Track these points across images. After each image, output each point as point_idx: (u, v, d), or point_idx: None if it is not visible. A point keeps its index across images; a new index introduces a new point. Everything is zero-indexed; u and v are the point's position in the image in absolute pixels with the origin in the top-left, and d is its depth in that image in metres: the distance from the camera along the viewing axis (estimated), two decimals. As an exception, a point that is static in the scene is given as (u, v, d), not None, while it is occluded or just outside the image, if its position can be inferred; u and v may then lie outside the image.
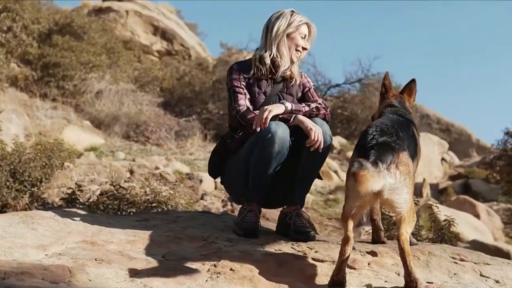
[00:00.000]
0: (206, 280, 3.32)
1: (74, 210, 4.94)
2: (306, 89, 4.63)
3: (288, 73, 4.50)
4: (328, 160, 11.44)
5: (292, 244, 4.01)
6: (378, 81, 23.58)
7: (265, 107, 4.18)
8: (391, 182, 3.27)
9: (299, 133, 4.17)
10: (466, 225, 12.70)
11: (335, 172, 15.27)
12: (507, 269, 3.89)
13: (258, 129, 4.11)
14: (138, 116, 17.20)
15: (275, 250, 3.88)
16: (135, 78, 19.43)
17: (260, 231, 4.23)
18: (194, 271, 3.40)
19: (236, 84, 4.41)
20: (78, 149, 11.52)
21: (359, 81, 23.39)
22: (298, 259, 3.74)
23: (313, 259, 3.76)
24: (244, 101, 4.34)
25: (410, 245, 3.95)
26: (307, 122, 4.13)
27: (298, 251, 3.89)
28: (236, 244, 3.93)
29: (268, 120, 4.11)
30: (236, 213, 4.79)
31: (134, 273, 3.20)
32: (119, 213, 5.87)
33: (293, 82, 4.53)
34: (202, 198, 9.37)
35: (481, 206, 15.45)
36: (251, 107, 4.34)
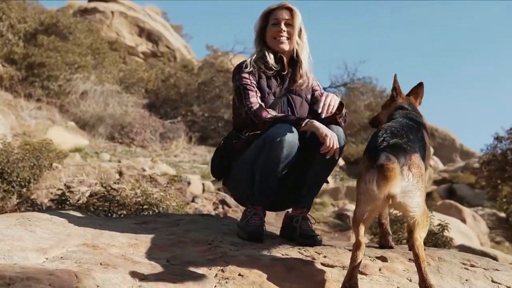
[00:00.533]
0: (215, 286, 3.19)
1: (71, 212, 4.80)
2: (317, 92, 4.50)
3: (298, 75, 4.39)
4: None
5: (299, 249, 3.89)
6: (363, 85, 23.63)
7: (328, 93, 4.08)
8: (404, 185, 3.16)
9: (308, 136, 4.05)
10: (453, 229, 12.66)
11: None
12: (517, 275, 3.82)
13: (323, 116, 3.97)
14: (123, 117, 17.10)
15: (282, 254, 3.76)
16: (120, 80, 19.31)
17: (265, 235, 4.11)
18: (202, 276, 3.27)
19: (246, 82, 4.24)
20: (63, 150, 11.36)
21: (345, 85, 23.37)
22: (306, 264, 3.62)
23: (322, 264, 3.64)
24: (256, 99, 4.19)
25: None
26: (322, 128, 3.95)
27: (306, 256, 3.77)
28: (242, 249, 3.81)
29: (335, 109, 4.02)
30: (229, 216, 4.67)
31: (141, 279, 3.07)
32: (109, 214, 5.74)
33: (301, 82, 4.40)
34: (193, 201, 9.26)
35: (467, 211, 15.45)
36: (263, 104, 4.20)
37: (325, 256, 3.76)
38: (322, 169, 4.14)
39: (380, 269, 3.63)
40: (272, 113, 4.12)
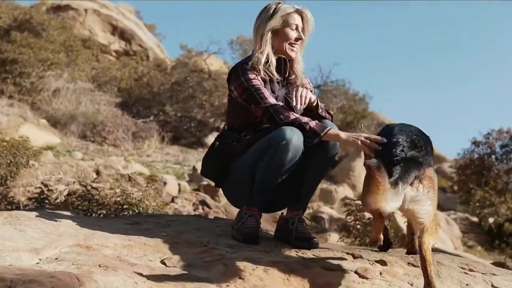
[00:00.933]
0: (217, 289, 3.10)
1: (59, 211, 4.68)
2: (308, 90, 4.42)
3: (293, 76, 4.30)
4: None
5: (297, 251, 3.82)
6: (336, 87, 23.72)
7: (299, 88, 4.01)
8: (413, 195, 3.21)
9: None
10: (427, 233, 12.72)
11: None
12: (515, 280, 3.79)
13: (299, 106, 3.93)
14: (95, 116, 16.97)
15: (281, 257, 3.68)
16: (92, 78, 19.17)
17: (260, 237, 4.02)
18: (202, 279, 3.17)
19: (256, 83, 4.07)
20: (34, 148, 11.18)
21: (318, 87, 23.42)
22: (307, 267, 3.53)
23: (322, 267, 3.57)
24: (272, 99, 4.04)
25: (413, 253, 3.85)
26: (348, 136, 3.82)
27: (304, 258, 3.69)
28: (239, 251, 3.71)
29: (307, 100, 3.94)
30: (210, 217, 4.58)
31: (142, 281, 2.96)
32: (89, 214, 5.62)
33: (297, 82, 4.30)
34: (172, 201, 9.15)
35: (440, 215, 15.56)
36: (283, 104, 4.08)
37: (324, 259, 3.69)
38: (320, 170, 4.08)
39: (381, 273, 3.58)
40: (295, 114, 3.98)
